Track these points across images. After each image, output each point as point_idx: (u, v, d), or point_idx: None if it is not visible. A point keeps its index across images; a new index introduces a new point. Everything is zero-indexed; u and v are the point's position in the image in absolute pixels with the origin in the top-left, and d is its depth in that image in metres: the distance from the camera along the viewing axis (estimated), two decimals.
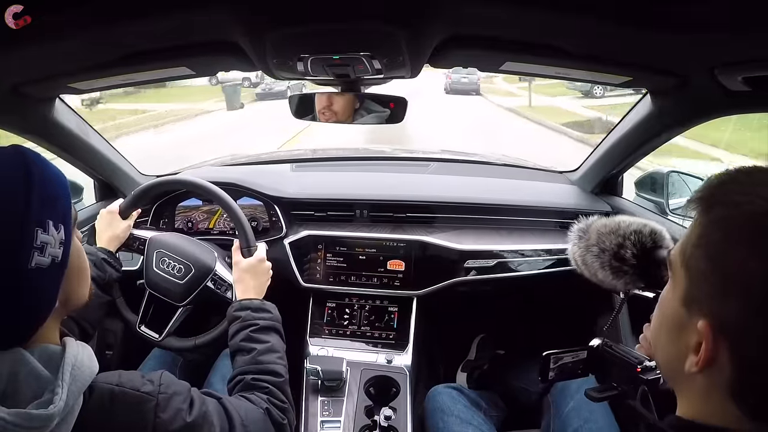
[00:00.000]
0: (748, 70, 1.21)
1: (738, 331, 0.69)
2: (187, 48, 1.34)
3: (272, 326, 1.65)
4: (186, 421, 1.08)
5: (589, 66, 1.38)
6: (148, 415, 1.04)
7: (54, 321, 1.01)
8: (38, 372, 0.91)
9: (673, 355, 0.79)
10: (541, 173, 2.92)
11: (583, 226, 1.61)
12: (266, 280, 1.85)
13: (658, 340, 0.86)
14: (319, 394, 2.04)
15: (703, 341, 0.71)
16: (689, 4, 0.96)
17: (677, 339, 0.78)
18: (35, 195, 0.90)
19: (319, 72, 1.46)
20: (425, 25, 1.17)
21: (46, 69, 1.45)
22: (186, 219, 2.52)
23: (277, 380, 1.49)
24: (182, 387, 1.15)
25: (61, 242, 0.93)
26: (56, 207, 0.94)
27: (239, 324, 1.64)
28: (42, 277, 0.90)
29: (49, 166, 0.98)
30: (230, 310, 1.70)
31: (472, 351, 2.87)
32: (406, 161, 3.28)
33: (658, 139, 1.92)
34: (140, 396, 1.05)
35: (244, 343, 1.58)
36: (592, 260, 1.53)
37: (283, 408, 1.43)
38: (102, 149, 2.28)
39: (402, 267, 2.30)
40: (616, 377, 1.42)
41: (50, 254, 0.90)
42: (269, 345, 1.58)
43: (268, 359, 1.54)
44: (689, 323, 0.74)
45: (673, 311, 0.79)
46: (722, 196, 0.73)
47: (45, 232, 0.89)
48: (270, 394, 1.44)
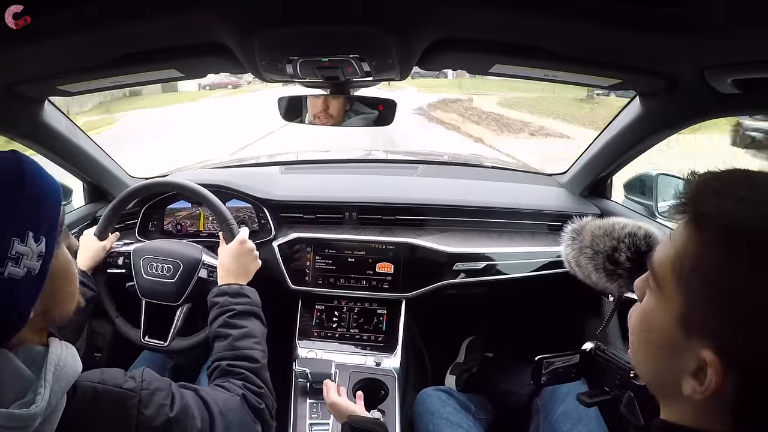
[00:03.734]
0: (738, 73, 1.21)
1: (750, 362, 0.66)
2: (176, 50, 1.34)
3: (250, 311, 1.66)
4: (169, 417, 1.09)
5: (578, 68, 1.38)
6: (131, 411, 1.04)
7: (36, 327, 0.99)
8: (21, 372, 0.90)
9: (664, 374, 0.77)
10: (530, 176, 2.93)
11: (576, 227, 1.61)
12: (249, 261, 1.84)
13: (643, 357, 0.83)
14: (308, 396, 2.04)
15: (710, 372, 0.67)
16: (678, 6, 0.97)
17: (670, 359, 0.75)
18: (22, 205, 0.90)
19: (308, 74, 1.46)
20: (415, 28, 1.16)
21: (36, 70, 1.44)
22: (175, 222, 2.52)
23: (253, 366, 1.50)
24: (164, 383, 1.15)
25: (41, 255, 0.92)
26: (41, 220, 0.93)
27: (217, 310, 1.65)
28: (14, 288, 0.88)
29: (46, 177, 0.97)
30: (210, 296, 1.71)
31: (460, 354, 2.86)
32: (395, 163, 3.28)
33: (647, 142, 1.92)
34: (122, 393, 1.05)
35: (221, 329, 1.59)
36: (585, 262, 1.53)
37: (259, 393, 1.43)
38: (91, 151, 2.27)
39: (391, 269, 2.29)
40: (608, 382, 1.42)
41: (26, 266, 0.89)
42: (245, 330, 1.58)
43: (244, 345, 1.54)
44: (687, 346, 0.71)
45: (665, 331, 0.75)
46: (718, 213, 0.68)
47: (23, 243, 0.88)
48: (245, 379, 1.45)
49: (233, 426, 1.26)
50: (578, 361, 1.49)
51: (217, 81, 38.28)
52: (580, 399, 1.45)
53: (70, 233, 1.12)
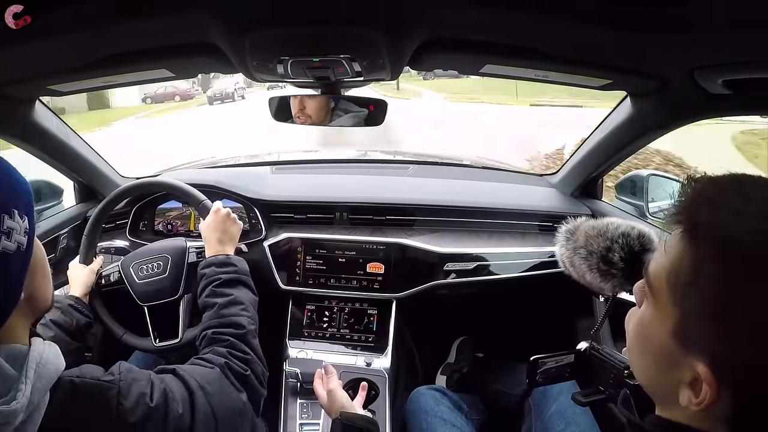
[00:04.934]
0: (728, 73, 1.22)
1: (744, 376, 0.66)
2: (167, 49, 1.34)
3: (237, 279, 1.68)
4: (150, 406, 1.08)
5: (569, 69, 1.38)
6: (110, 402, 1.04)
7: (21, 321, 1.00)
8: (4, 370, 0.90)
9: (661, 382, 0.77)
10: (521, 176, 2.94)
11: (571, 227, 1.61)
12: (229, 225, 1.87)
13: (640, 364, 0.84)
14: (298, 396, 2.05)
15: (705, 387, 0.68)
16: (668, 6, 0.97)
17: (667, 369, 0.75)
18: (3, 183, 0.91)
19: (299, 74, 1.46)
20: (406, 28, 1.17)
21: (26, 70, 1.44)
22: (165, 222, 2.51)
23: (238, 332, 1.51)
24: (142, 374, 1.15)
25: (26, 231, 0.93)
26: (22, 198, 0.95)
27: (205, 281, 1.67)
28: (8, 262, 0.90)
29: (10, 165, 0.98)
30: (198, 268, 1.73)
31: (451, 354, 2.87)
32: (386, 164, 3.28)
33: (638, 142, 1.93)
34: (101, 384, 1.05)
35: (208, 299, 1.61)
36: (579, 262, 1.53)
37: (245, 359, 1.44)
38: (82, 151, 2.26)
39: (381, 270, 2.29)
40: (602, 381, 1.42)
41: (16, 240, 0.90)
42: (231, 298, 1.60)
43: (230, 312, 1.56)
44: (683, 359, 0.72)
45: (661, 343, 0.75)
46: (714, 226, 0.68)
47: (11, 218, 0.90)
48: (231, 346, 1.46)
49: (215, 397, 1.25)
50: (573, 361, 1.49)
51: (162, 92, 34.76)
52: (575, 398, 1.45)
53: (61, 233, 1.13)
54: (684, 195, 0.73)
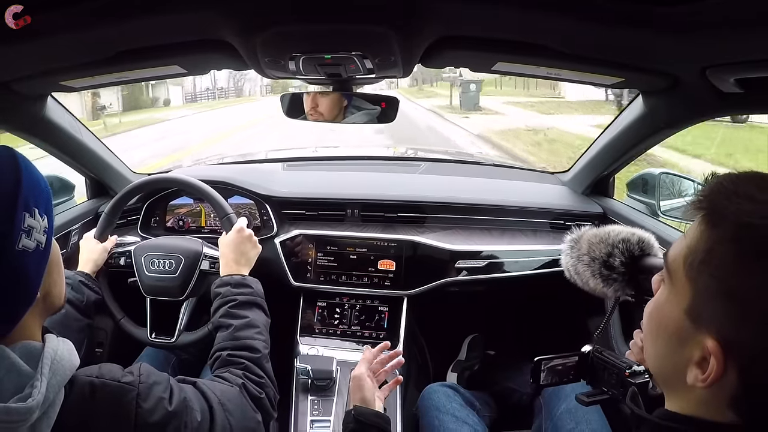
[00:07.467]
0: (741, 72, 1.21)
1: (750, 356, 0.68)
2: (179, 46, 1.35)
3: (253, 301, 1.67)
4: (168, 410, 1.08)
5: (581, 67, 1.38)
6: (129, 405, 1.04)
7: (35, 319, 1.01)
8: (19, 367, 0.91)
9: (671, 364, 0.79)
10: (533, 174, 2.94)
11: (575, 237, 1.63)
12: (249, 248, 1.85)
13: (653, 347, 0.85)
14: (309, 393, 2.04)
15: (712, 360, 0.70)
16: (681, 5, 0.96)
17: (677, 349, 0.77)
18: (25, 181, 0.92)
19: (310, 71, 1.46)
20: (417, 25, 1.17)
21: (39, 67, 1.44)
22: (177, 218, 2.52)
23: (254, 356, 1.50)
24: (162, 377, 1.15)
25: (45, 230, 0.95)
26: (42, 197, 0.97)
27: (219, 300, 1.66)
28: (27, 261, 0.91)
29: (32, 165, 1.00)
30: (212, 286, 1.72)
31: (462, 351, 2.86)
32: (398, 161, 3.28)
33: (650, 141, 1.92)
34: (121, 386, 1.05)
35: (223, 319, 1.60)
36: (583, 269, 1.55)
37: (259, 383, 1.44)
38: (94, 147, 2.27)
39: (393, 267, 2.29)
40: (606, 382, 1.43)
41: (36, 239, 0.92)
42: (247, 320, 1.59)
43: (246, 335, 1.55)
44: (693, 336, 0.74)
45: (675, 321, 0.78)
46: (730, 211, 0.71)
47: (32, 216, 0.91)
48: (246, 369, 1.46)
49: (233, 415, 1.26)
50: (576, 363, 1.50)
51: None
52: (578, 398, 1.46)
53: (73, 229, 1.15)
54: (706, 187, 0.76)
